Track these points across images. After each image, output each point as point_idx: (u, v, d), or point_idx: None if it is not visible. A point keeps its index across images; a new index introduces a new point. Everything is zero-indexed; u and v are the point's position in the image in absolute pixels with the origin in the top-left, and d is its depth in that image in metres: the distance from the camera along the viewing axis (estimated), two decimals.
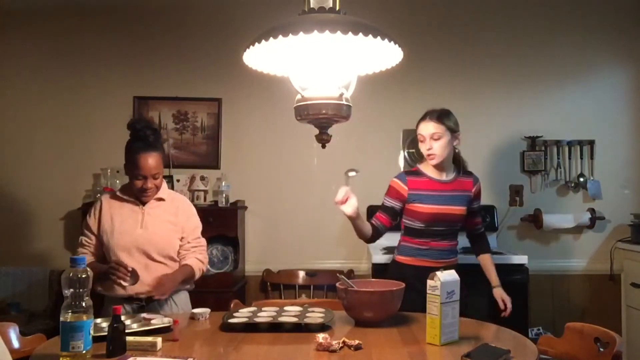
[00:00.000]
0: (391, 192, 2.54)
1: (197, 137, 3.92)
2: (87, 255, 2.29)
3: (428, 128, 2.44)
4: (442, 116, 2.44)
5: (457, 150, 2.55)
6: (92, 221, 2.35)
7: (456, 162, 2.57)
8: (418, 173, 2.53)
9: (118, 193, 2.38)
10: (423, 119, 2.48)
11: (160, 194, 2.37)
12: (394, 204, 2.52)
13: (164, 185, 2.42)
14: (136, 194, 2.33)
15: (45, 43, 3.92)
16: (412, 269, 2.46)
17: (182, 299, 2.40)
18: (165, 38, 3.92)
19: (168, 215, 2.37)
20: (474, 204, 2.57)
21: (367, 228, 2.47)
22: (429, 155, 2.44)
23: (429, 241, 2.48)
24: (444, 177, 2.50)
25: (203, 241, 2.47)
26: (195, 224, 2.46)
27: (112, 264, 2.20)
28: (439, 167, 2.49)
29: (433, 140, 2.42)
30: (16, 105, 3.91)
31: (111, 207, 2.35)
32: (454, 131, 2.47)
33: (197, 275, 2.40)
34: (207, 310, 2.14)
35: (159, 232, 2.33)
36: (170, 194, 2.45)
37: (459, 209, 2.48)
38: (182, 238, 2.39)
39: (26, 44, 3.92)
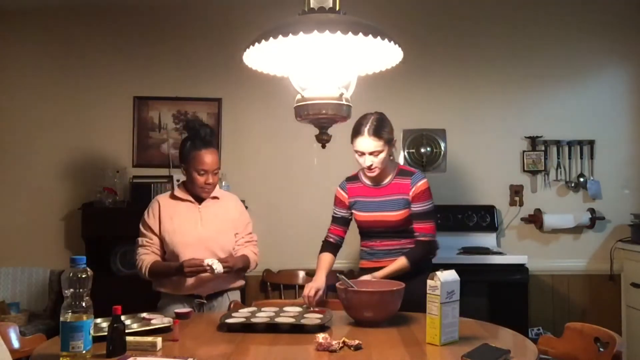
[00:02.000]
0: (336, 201, 2.54)
1: None
2: (149, 255, 2.38)
3: (366, 145, 2.29)
4: (378, 130, 2.29)
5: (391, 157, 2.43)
6: (152, 221, 2.42)
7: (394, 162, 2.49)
8: (356, 178, 2.49)
9: (176, 193, 2.46)
10: (359, 133, 2.31)
11: (214, 193, 2.48)
12: (342, 213, 2.53)
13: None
14: (197, 191, 2.42)
15: (45, 43, 3.92)
16: (368, 271, 2.38)
17: (236, 296, 2.50)
18: (165, 38, 3.92)
19: (223, 213, 2.48)
20: (412, 207, 2.37)
21: (332, 264, 2.49)
22: (370, 169, 2.34)
23: (372, 242, 2.45)
24: (379, 182, 2.42)
25: (255, 236, 2.60)
26: (247, 219, 2.58)
27: (186, 261, 2.24)
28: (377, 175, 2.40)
29: (373, 156, 2.31)
30: (16, 106, 3.91)
31: (169, 207, 2.44)
32: (391, 141, 2.35)
33: (252, 266, 2.51)
34: (219, 266, 2.22)
35: (219, 229, 2.44)
36: (222, 192, 2.57)
37: (394, 215, 2.36)
38: (236, 234, 2.50)
39: (26, 44, 3.92)
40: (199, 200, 2.46)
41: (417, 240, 2.37)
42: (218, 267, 2.22)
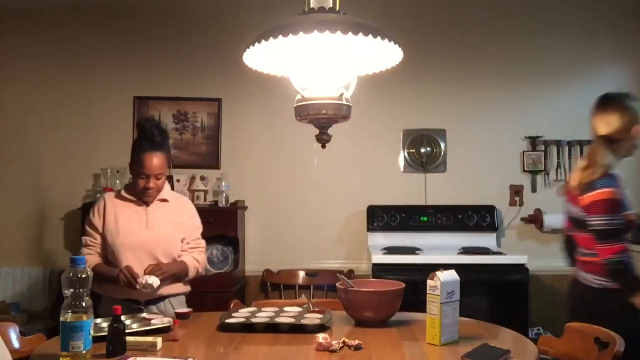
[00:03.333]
0: (618, 206, 2.05)
1: (197, 137, 3.92)
2: (92, 256, 2.29)
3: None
4: None
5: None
6: (96, 220, 2.32)
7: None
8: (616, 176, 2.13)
9: (122, 192, 2.37)
10: None
11: (163, 195, 2.38)
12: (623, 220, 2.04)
13: (167, 186, 2.43)
14: (138, 194, 2.33)
15: (46, 43, 3.92)
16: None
17: (179, 301, 2.39)
18: (165, 38, 3.92)
19: (172, 217, 2.38)
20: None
21: None
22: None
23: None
24: None
25: (202, 242, 2.47)
26: (195, 225, 2.46)
27: (123, 271, 2.17)
28: None
29: None
30: (16, 106, 3.91)
31: (115, 206, 2.34)
32: None
33: (191, 273, 2.37)
34: (155, 280, 2.13)
35: (164, 233, 2.33)
36: (173, 195, 2.46)
37: None
38: (183, 239, 2.39)
39: (26, 44, 3.92)
40: (147, 201, 2.36)
41: None
42: (154, 282, 2.13)
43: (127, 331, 1.69)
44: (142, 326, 1.90)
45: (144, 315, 2.04)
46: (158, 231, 2.32)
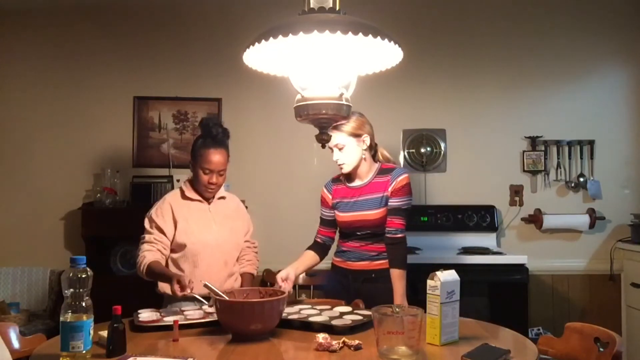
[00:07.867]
0: (322, 202, 2.56)
1: None
2: (152, 252, 2.31)
3: (331, 138, 2.29)
4: (340, 124, 2.27)
5: (370, 153, 2.43)
6: (161, 221, 2.35)
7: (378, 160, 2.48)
8: (339, 180, 2.50)
9: (187, 193, 2.42)
10: None
11: (221, 193, 2.49)
12: (329, 215, 2.53)
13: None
14: (200, 189, 2.40)
15: (46, 43, 3.92)
16: (338, 269, 2.50)
17: None
18: (165, 38, 3.92)
19: (232, 213, 2.51)
20: (389, 201, 2.36)
21: (313, 262, 2.52)
22: (338, 165, 2.39)
23: (347, 242, 2.47)
24: (357, 182, 2.43)
25: (256, 242, 2.65)
26: (249, 220, 2.61)
27: (180, 276, 2.13)
28: (353, 173, 2.43)
29: (338, 149, 2.34)
30: (16, 106, 3.91)
31: (181, 208, 2.40)
32: (357, 135, 2.35)
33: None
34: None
35: (232, 229, 2.46)
36: (226, 193, 2.55)
37: (372, 214, 2.36)
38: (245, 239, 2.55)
39: (26, 44, 3.92)
40: (207, 199, 2.45)
41: (393, 240, 2.33)
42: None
43: (188, 322, 1.87)
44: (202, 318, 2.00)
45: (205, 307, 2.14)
46: (226, 227, 2.43)
